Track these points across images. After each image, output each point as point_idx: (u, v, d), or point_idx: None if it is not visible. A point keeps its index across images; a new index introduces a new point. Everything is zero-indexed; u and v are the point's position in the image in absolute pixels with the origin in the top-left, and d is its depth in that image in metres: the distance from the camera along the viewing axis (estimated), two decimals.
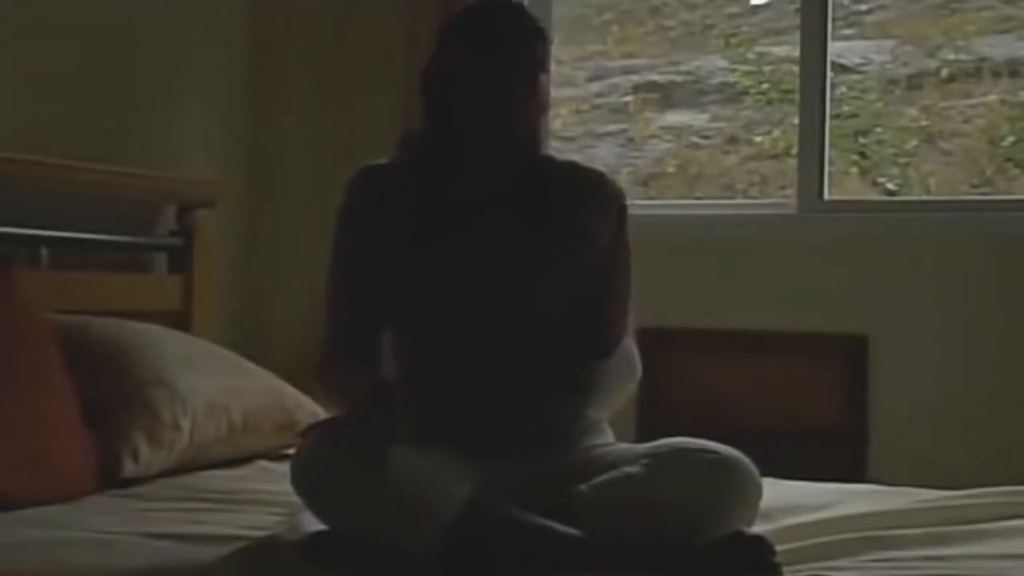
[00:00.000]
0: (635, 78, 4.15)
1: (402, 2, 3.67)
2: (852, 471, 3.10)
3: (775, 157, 3.90)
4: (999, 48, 3.74)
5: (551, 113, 3.92)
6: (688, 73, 4.12)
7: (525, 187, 2.08)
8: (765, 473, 1.91)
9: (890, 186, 3.80)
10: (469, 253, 2.06)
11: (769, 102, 3.93)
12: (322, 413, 2.94)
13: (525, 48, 2.03)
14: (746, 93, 3.97)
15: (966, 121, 3.77)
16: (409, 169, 2.11)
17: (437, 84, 2.07)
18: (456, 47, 2.05)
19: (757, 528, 1.88)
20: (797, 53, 3.57)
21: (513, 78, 2.01)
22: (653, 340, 3.55)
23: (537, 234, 2.07)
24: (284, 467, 2.01)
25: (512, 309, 2.05)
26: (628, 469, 1.86)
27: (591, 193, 2.13)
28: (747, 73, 3.98)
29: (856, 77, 3.88)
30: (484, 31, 2.04)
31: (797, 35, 3.58)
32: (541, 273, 2.06)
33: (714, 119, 4.05)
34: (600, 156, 4.01)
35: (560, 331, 2.09)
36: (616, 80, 4.17)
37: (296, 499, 1.90)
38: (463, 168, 2.08)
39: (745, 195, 3.94)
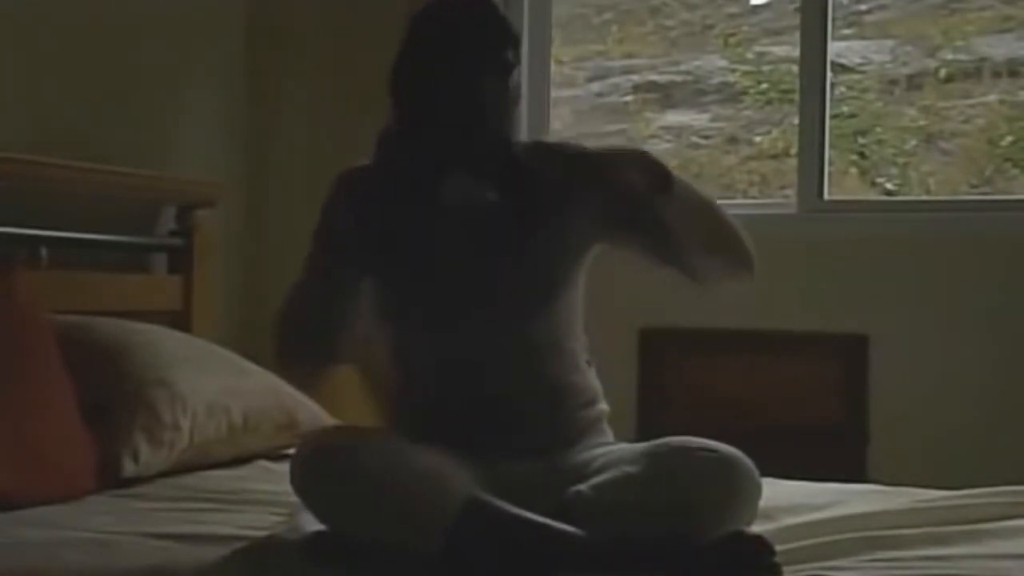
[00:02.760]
0: (635, 78, 4.15)
1: (402, 2, 3.67)
2: (852, 471, 3.10)
3: (775, 157, 3.90)
4: (999, 48, 3.74)
5: (551, 113, 3.94)
6: (688, 73, 4.12)
7: (505, 181, 2.07)
8: (765, 473, 1.90)
9: (889, 186, 3.80)
10: (454, 251, 2.05)
11: (769, 102, 3.93)
12: (322, 413, 2.94)
13: (496, 41, 2.02)
14: (746, 93, 3.97)
15: (966, 121, 3.77)
16: (387, 169, 2.10)
17: (409, 84, 2.05)
18: (425, 45, 2.04)
19: (757, 528, 1.89)
20: (797, 53, 3.58)
21: (487, 75, 2.00)
22: (653, 340, 3.57)
23: (522, 227, 2.06)
24: (284, 467, 2.01)
25: (504, 307, 2.05)
26: (628, 469, 1.86)
27: (560, 165, 2.10)
28: (747, 73, 3.98)
29: (856, 77, 3.87)
30: (453, 27, 2.02)
31: (797, 35, 3.58)
32: (532, 267, 2.06)
33: (714, 119, 4.05)
34: None
35: (553, 324, 2.09)
36: (616, 80, 4.16)
37: (296, 499, 1.90)
38: (441, 166, 2.06)
39: (745, 195, 3.94)
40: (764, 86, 3.93)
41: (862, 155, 3.84)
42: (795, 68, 3.60)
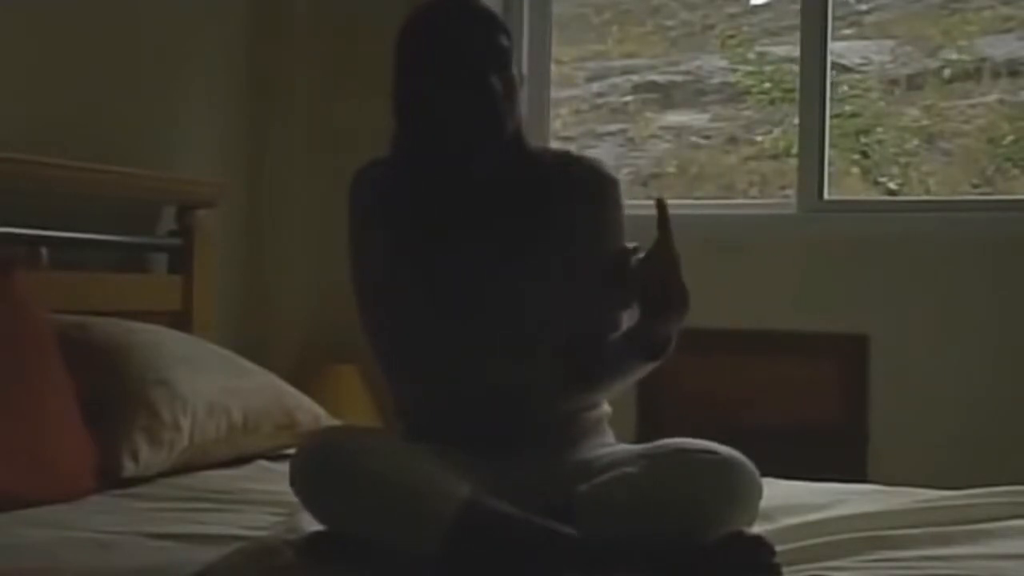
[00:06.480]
0: (635, 78, 4.15)
1: (403, 2, 3.67)
2: (852, 471, 3.10)
3: (775, 157, 3.90)
4: (999, 48, 3.74)
5: (551, 113, 3.94)
6: (688, 73, 4.12)
7: (516, 182, 2.07)
8: (765, 473, 1.90)
9: (891, 186, 3.80)
10: (464, 251, 2.04)
11: (770, 102, 3.93)
12: (322, 413, 2.94)
13: (489, 42, 1.99)
14: (746, 93, 3.97)
15: (966, 121, 3.77)
16: (399, 170, 2.09)
17: (408, 100, 2.03)
18: (419, 54, 2.01)
19: (757, 528, 1.88)
20: (797, 53, 3.58)
21: (485, 78, 1.97)
22: None
23: (531, 229, 2.05)
24: (284, 467, 2.01)
25: (509, 305, 2.05)
26: (628, 469, 1.86)
27: (583, 182, 2.10)
28: (747, 73, 3.98)
29: (856, 77, 3.87)
30: (445, 34, 1.99)
31: (797, 35, 3.58)
32: (538, 268, 2.06)
33: (714, 119, 4.05)
34: (600, 156, 4.00)
35: (560, 325, 2.08)
36: (616, 80, 4.16)
37: (296, 499, 1.90)
38: (450, 170, 2.05)
39: (745, 195, 3.94)
40: (765, 86, 3.93)
41: (864, 155, 3.84)
42: (795, 68, 3.60)
